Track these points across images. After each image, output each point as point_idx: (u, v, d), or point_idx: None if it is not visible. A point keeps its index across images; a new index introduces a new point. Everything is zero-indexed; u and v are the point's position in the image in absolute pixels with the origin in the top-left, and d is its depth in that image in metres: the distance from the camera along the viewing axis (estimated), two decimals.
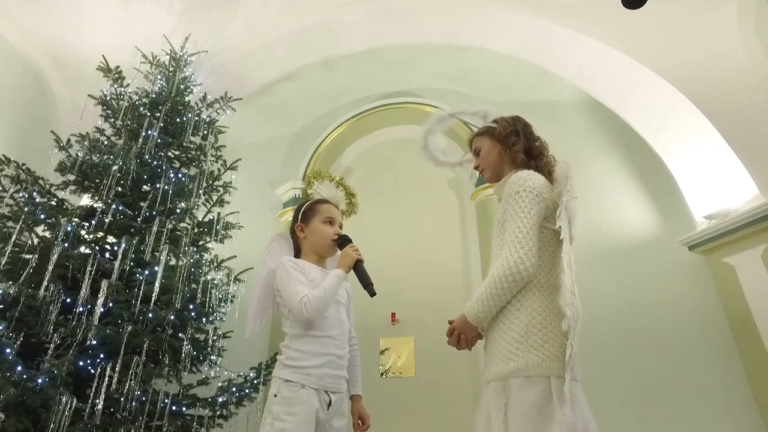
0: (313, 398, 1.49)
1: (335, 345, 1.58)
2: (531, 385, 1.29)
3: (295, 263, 1.63)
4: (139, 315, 2.72)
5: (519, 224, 1.41)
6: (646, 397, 3.26)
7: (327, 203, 1.82)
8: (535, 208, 1.42)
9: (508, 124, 1.65)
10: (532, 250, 1.38)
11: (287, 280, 1.58)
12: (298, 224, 1.77)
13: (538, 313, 1.38)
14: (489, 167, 1.67)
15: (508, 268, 1.37)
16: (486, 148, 1.68)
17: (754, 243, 3.09)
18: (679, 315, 3.38)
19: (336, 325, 1.62)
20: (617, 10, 2.43)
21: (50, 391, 2.27)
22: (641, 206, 3.85)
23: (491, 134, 1.67)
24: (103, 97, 3.57)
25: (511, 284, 1.37)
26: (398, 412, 3.73)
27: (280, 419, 1.44)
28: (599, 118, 4.16)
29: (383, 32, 4.16)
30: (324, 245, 1.74)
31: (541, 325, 1.37)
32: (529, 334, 1.35)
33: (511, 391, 1.31)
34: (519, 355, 1.33)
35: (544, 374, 1.30)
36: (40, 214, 2.88)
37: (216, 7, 3.97)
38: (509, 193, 1.47)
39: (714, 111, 3.29)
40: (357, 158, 5.00)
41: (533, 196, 1.43)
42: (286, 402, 1.47)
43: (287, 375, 1.52)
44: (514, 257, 1.37)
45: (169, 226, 3.12)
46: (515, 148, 1.60)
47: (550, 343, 1.34)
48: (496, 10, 3.80)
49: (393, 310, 4.06)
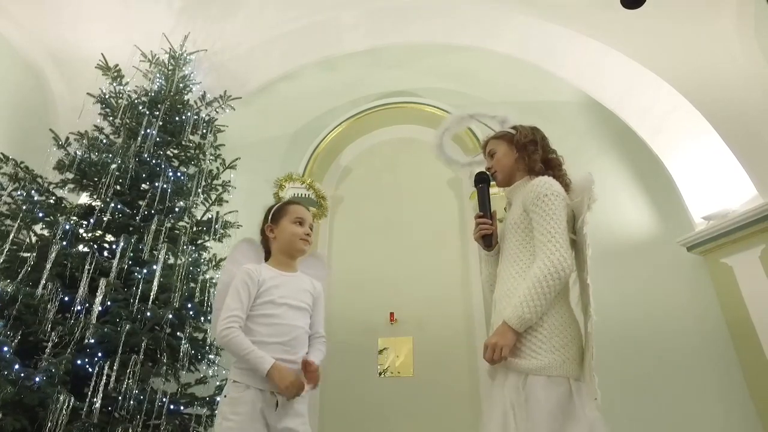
0: (258, 399, 1.50)
1: (284, 350, 1.58)
2: (554, 384, 1.33)
3: (249, 275, 1.63)
4: (137, 314, 2.71)
5: (553, 225, 1.43)
6: (644, 397, 3.27)
7: (297, 204, 1.83)
8: (564, 212, 1.47)
9: (528, 133, 1.69)
10: (568, 250, 1.42)
11: (232, 291, 1.60)
12: (268, 225, 1.79)
13: (560, 316, 1.42)
14: (503, 171, 1.70)
15: (552, 267, 1.38)
16: (502, 152, 1.71)
17: (753, 244, 3.10)
18: (677, 315, 3.39)
19: (287, 331, 1.61)
20: (617, 11, 2.44)
21: (48, 389, 2.27)
22: (640, 207, 3.85)
23: (509, 140, 1.70)
24: (102, 95, 3.56)
25: (556, 282, 1.38)
26: (396, 412, 3.73)
27: (226, 419, 1.47)
28: (598, 119, 4.16)
29: (383, 32, 4.16)
30: (293, 244, 1.74)
31: (563, 327, 1.41)
32: (552, 335, 1.39)
33: (532, 389, 1.33)
34: (541, 354, 1.36)
35: (564, 375, 1.35)
36: (38, 213, 2.87)
37: (215, 5, 3.96)
38: (536, 195, 1.49)
39: (713, 112, 3.29)
40: (356, 157, 5.00)
41: (560, 199, 1.47)
42: (232, 402, 1.50)
43: (235, 376, 1.55)
44: (556, 256, 1.39)
45: (167, 224, 3.11)
46: (534, 156, 1.63)
47: (570, 346, 1.39)
48: (496, 11, 3.80)
49: (391, 310, 4.06)
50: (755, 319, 2.99)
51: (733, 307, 3.16)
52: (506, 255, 1.57)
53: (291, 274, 1.73)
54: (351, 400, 3.75)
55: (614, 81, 3.74)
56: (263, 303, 1.62)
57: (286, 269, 1.74)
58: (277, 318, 1.61)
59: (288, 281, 1.70)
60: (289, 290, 1.68)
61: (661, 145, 3.68)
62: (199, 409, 2.93)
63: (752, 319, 3.00)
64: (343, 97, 4.95)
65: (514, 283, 1.48)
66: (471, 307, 3.94)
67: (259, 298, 1.62)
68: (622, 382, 3.32)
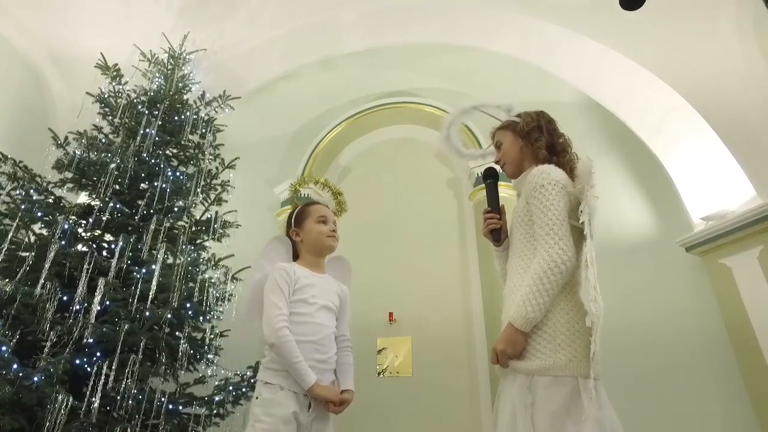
0: (292, 400, 1.50)
1: (316, 350, 1.59)
2: (560, 385, 1.28)
3: (286, 272, 1.64)
4: (136, 313, 2.71)
5: (551, 216, 1.38)
6: (642, 397, 3.27)
7: (317, 204, 1.85)
8: (562, 201, 1.40)
9: (531, 120, 1.62)
10: (569, 241, 1.36)
11: (274, 288, 1.60)
12: (293, 229, 1.79)
13: (565, 311, 1.36)
14: (510, 162, 1.64)
15: (552, 261, 1.33)
16: (507, 143, 1.65)
17: (751, 244, 3.10)
18: (675, 315, 3.39)
19: (319, 330, 1.62)
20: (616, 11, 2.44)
21: (46, 389, 2.27)
22: (639, 207, 3.86)
23: (513, 129, 1.64)
24: (101, 94, 3.56)
25: (558, 277, 1.33)
26: (395, 412, 3.73)
27: (259, 420, 1.47)
28: (597, 119, 4.17)
29: (382, 32, 4.16)
30: (320, 243, 1.75)
31: (568, 323, 1.34)
32: (557, 332, 1.33)
33: (538, 389, 1.29)
34: (546, 353, 1.31)
35: (572, 375, 1.29)
36: (37, 212, 2.87)
37: (215, 5, 3.96)
38: (533, 186, 1.44)
39: (712, 112, 3.30)
40: (355, 157, 5.00)
41: (558, 188, 1.41)
42: (265, 404, 1.50)
43: (267, 377, 1.55)
44: (555, 249, 1.34)
45: (166, 224, 3.11)
46: (538, 144, 1.57)
47: (577, 342, 1.32)
48: (496, 11, 3.80)
49: (390, 310, 4.06)
50: (753, 320, 2.99)
51: (731, 308, 3.16)
52: (513, 250, 1.54)
53: (321, 276, 1.75)
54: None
55: (614, 82, 3.74)
56: (296, 302, 1.62)
57: (316, 270, 1.75)
58: (309, 317, 1.62)
59: (319, 282, 1.72)
60: (321, 291, 1.69)
61: (660, 146, 3.68)
62: (197, 408, 2.93)
63: (750, 319, 3.00)
64: (343, 97, 4.95)
65: (519, 279, 1.44)
66: (470, 307, 3.94)
67: (293, 296, 1.63)
68: (620, 382, 3.31)
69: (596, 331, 1.28)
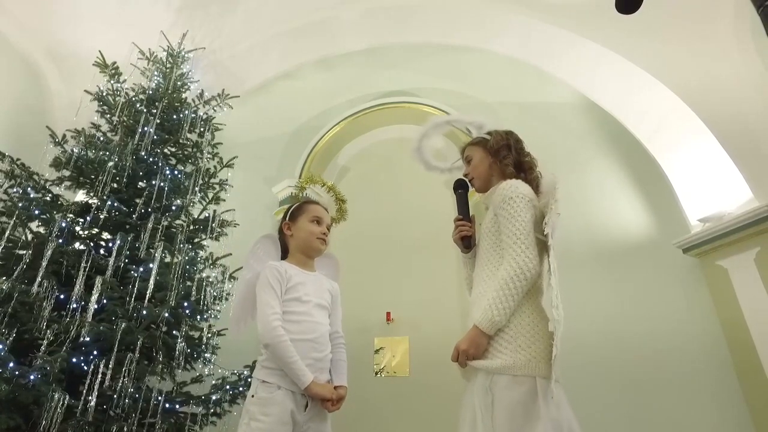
0: (289, 400, 1.50)
1: (314, 348, 1.59)
2: (517, 384, 1.34)
3: (278, 271, 1.64)
4: (133, 312, 2.70)
5: (518, 227, 1.45)
6: (637, 399, 3.28)
7: (316, 204, 1.85)
8: (529, 213, 1.48)
9: (501, 138, 1.71)
10: (534, 251, 1.44)
11: (266, 288, 1.60)
12: (286, 222, 1.80)
13: (527, 315, 1.43)
14: (479, 177, 1.74)
15: (518, 268, 1.40)
16: (477, 159, 1.74)
17: (748, 246, 3.11)
18: (672, 316, 3.40)
19: (315, 328, 1.63)
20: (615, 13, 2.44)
21: (42, 387, 2.26)
22: (636, 208, 3.86)
23: (484, 146, 1.73)
24: (99, 92, 3.54)
25: (523, 283, 1.40)
26: (392, 412, 3.73)
27: (255, 419, 1.46)
28: (596, 120, 4.17)
29: (381, 31, 4.17)
30: (308, 243, 1.75)
31: (530, 326, 1.41)
32: (518, 334, 1.40)
33: (497, 389, 1.34)
34: (506, 353, 1.37)
35: (530, 374, 1.35)
36: (34, 210, 2.86)
37: (214, 4, 3.96)
38: (501, 199, 1.52)
39: (709, 114, 3.31)
40: (354, 157, 5.00)
41: (525, 201, 1.49)
42: (261, 403, 1.49)
43: (264, 376, 1.54)
44: (522, 257, 1.41)
45: (164, 223, 3.10)
46: (506, 161, 1.66)
47: (537, 344, 1.39)
48: (495, 11, 3.81)
49: (388, 309, 4.07)
50: (750, 322, 3.00)
51: (727, 309, 3.17)
52: (479, 259, 1.62)
53: (312, 273, 1.75)
54: (347, 400, 3.74)
55: (612, 83, 3.75)
56: (289, 300, 1.62)
57: (306, 268, 1.75)
58: (304, 315, 1.61)
59: (311, 280, 1.72)
60: (313, 288, 1.70)
61: (657, 147, 3.69)
62: (194, 407, 2.92)
63: (747, 321, 3.02)
64: (341, 97, 4.95)
65: (485, 286, 1.51)
66: (467, 307, 3.94)
67: (285, 295, 1.62)
68: (616, 383, 3.33)
69: (557, 335, 1.34)
